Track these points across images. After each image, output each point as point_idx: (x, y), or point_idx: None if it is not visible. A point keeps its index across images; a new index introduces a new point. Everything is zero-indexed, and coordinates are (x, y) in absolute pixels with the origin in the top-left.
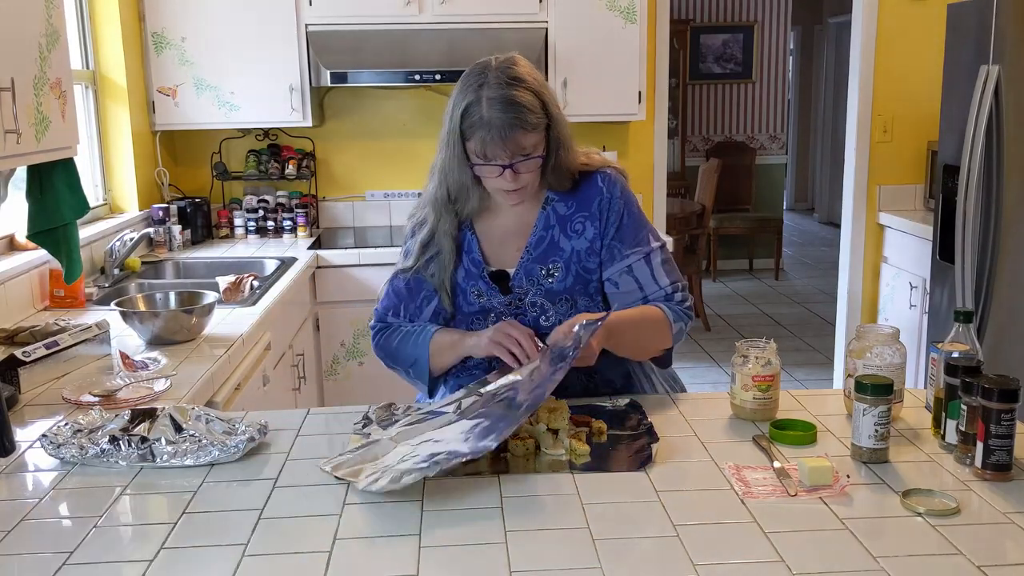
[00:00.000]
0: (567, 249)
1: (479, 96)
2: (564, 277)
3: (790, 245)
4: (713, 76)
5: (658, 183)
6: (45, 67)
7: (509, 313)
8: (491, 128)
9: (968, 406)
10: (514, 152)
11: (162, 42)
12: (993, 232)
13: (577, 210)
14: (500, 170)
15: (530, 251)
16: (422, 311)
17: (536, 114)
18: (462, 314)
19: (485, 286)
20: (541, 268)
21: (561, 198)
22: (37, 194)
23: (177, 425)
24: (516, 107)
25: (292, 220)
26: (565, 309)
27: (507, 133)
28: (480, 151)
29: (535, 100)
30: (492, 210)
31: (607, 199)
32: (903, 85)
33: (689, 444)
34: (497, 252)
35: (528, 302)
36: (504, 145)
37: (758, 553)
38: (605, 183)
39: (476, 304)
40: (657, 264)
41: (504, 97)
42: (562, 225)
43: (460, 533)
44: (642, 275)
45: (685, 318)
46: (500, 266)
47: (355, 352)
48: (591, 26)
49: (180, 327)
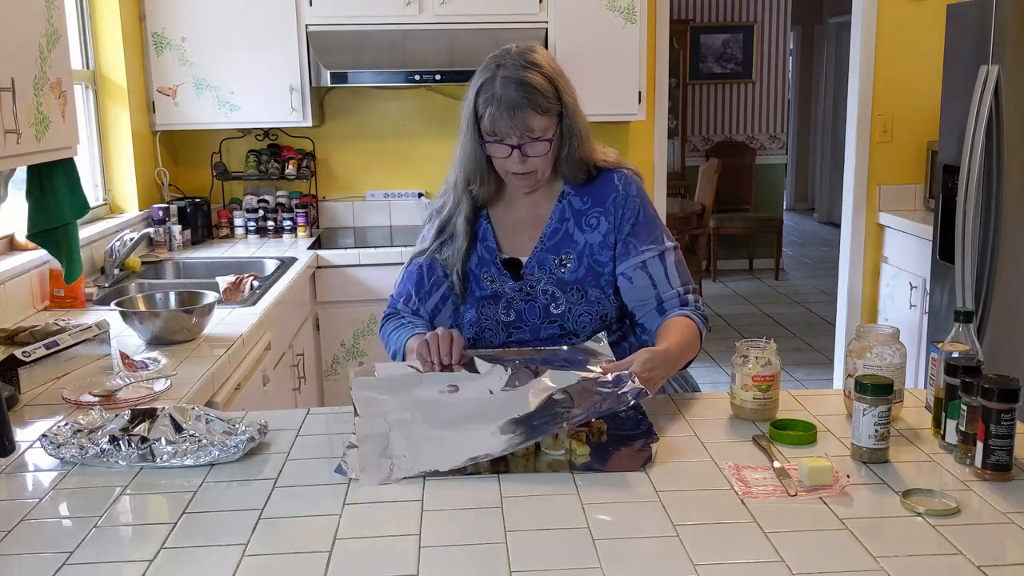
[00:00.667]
0: (580, 242)
1: (495, 75)
2: (576, 268)
3: (790, 245)
4: (713, 76)
5: (658, 183)
6: (45, 67)
7: (520, 299)
8: (501, 105)
9: (968, 406)
10: (523, 132)
11: (162, 42)
12: (993, 232)
13: (593, 205)
14: (508, 150)
15: (544, 241)
16: (431, 295)
17: (547, 98)
18: (473, 298)
19: (498, 272)
20: (554, 258)
21: (577, 192)
22: (37, 194)
23: (177, 425)
24: (528, 88)
25: (292, 220)
26: (576, 298)
27: (516, 111)
28: (490, 128)
29: (548, 85)
30: (507, 200)
31: (623, 196)
32: (903, 85)
33: (689, 444)
34: (511, 242)
35: (539, 290)
36: (512, 123)
37: (758, 553)
38: (621, 181)
39: (488, 289)
40: (671, 264)
41: (518, 77)
42: (577, 219)
43: (460, 533)
44: (656, 273)
45: (704, 319)
46: (513, 255)
47: (355, 352)
48: (591, 26)
49: (180, 327)
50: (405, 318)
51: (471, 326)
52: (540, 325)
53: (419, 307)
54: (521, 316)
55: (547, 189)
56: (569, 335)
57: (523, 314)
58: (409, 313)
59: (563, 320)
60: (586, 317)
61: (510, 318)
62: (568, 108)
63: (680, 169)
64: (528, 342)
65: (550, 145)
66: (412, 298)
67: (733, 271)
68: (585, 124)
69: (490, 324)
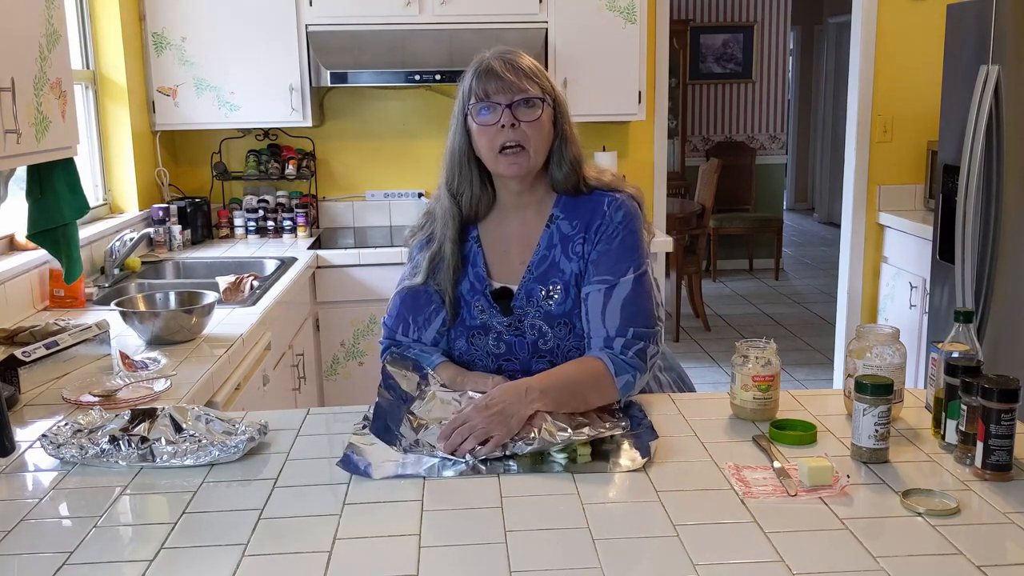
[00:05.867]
0: (567, 271)
1: (482, 59)
2: (563, 300)
3: (790, 245)
4: (713, 76)
5: (658, 183)
6: (45, 67)
7: (508, 334)
8: (492, 69)
9: (968, 406)
10: (515, 91)
11: (162, 42)
12: (993, 232)
13: (579, 231)
14: (499, 114)
15: (532, 270)
16: (431, 322)
17: (537, 76)
18: (464, 326)
19: (487, 304)
20: (541, 289)
21: (566, 216)
22: (37, 194)
23: (177, 425)
24: (518, 60)
25: (292, 220)
26: (564, 333)
27: (507, 72)
28: (481, 91)
29: (537, 70)
30: (497, 215)
31: (606, 223)
32: (903, 85)
33: (689, 444)
34: (500, 265)
35: (527, 324)
36: (503, 83)
37: (758, 553)
38: (611, 207)
39: (478, 319)
40: (616, 301)
41: (507, 55)
42: (564, 245)
43: (460, 533)
44: (593, 307)
45: (632, 369)
46: (503, 280)
47: (355, 352)
48: (591, 26)
49: (180, 327)
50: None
51: (461, 355)
52: (529, 360)
53: (420, 335)
54: (511, 349)
55: (538, 206)
56: None
57: (513, 347)
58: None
59: (552, 356)
60: (575, 352)
61: (500, 350)
62: (558, 101)
63: (680, 169)
64: (519, 374)
65: (541, 110)
66: (411, 326)
67: (733, 271)
68: (575, 131)
69: (480, 355)
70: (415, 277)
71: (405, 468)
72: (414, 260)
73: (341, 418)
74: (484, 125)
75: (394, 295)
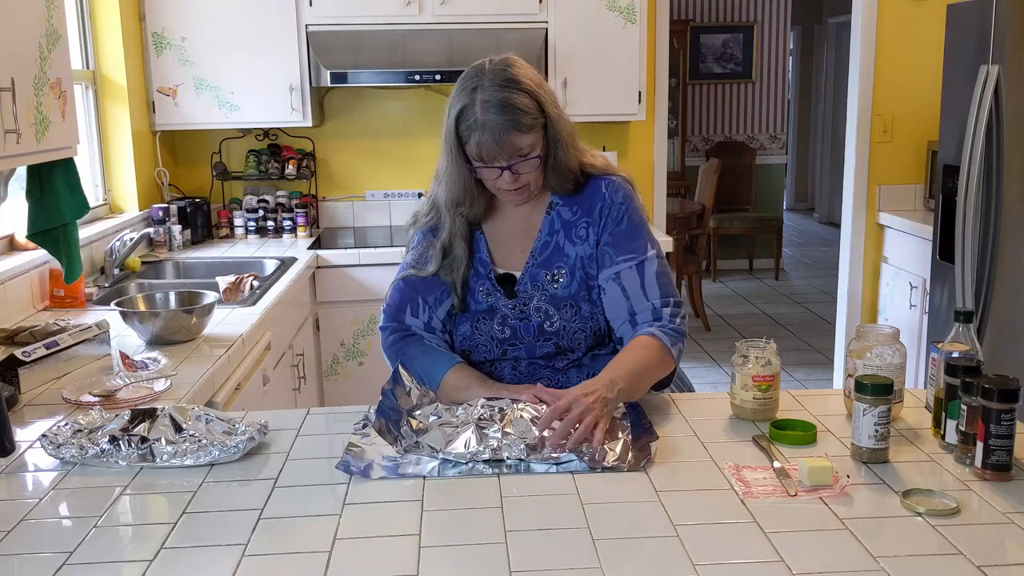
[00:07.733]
0: (572, 255)
1: (473, 99)
2: (569, 283)
3: (790, 245)
4: (713, 76)
5: (658, 183)
6: (45, 67)
7: (514, 317)
8: (486, 131)
9: (968, 406)
10: (511, 153)
11: (162, 42)
12: (993, 232)
13: (581, 216)
14: (499, 172)
15: (535, 256)
16: (442, 302)
17: (531, 115)
18: (470, 312)
19: (491, 287)
20: (546, 274)
21: (565, 203)
22: (37, 194)
23: (177, 425)
24: (510, 109)
25: (292, 220)
26: (570, 315)
27: (502, 136)
28: (477, 154)
29: (531, 101)
30: (498, 212)
31: (608, 204)
32: (903, 85)
33: (689, 444)
34: (503, 253)
35: (532, 307)
36: (500, 148)
37: (758, 553)
38: (609, 189)
39: (484, 303)
40: (650, 275)
41: (498, 100)
42: (567, 230)
43: (460, 533)
44: (630, 284)
45: (681, 337)
46: (506, 267)
47: (355, 352)
48: (591, 26)
49: (180, 327)
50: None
51: (464, 340)
52: (535, 343)
53: (431, 316)
54: (516, 333)
55: (536, 199)
56: (564, 352)
57: (518, 332)
58: (421, 328)
59: (558, 338)
60: (580, 334)
61: (505, 335)
62: (552, 118)
63: (680, 169)
64: (523, 359)
65: (540, 160)
66: (422, 306)
67: (733, 271)
68: (569, 128)
69: (484, 340)
70: (426, 267)
71: (405, 468)
72: (419, 247)
73: (341, 418)
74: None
75: (396, 280)
